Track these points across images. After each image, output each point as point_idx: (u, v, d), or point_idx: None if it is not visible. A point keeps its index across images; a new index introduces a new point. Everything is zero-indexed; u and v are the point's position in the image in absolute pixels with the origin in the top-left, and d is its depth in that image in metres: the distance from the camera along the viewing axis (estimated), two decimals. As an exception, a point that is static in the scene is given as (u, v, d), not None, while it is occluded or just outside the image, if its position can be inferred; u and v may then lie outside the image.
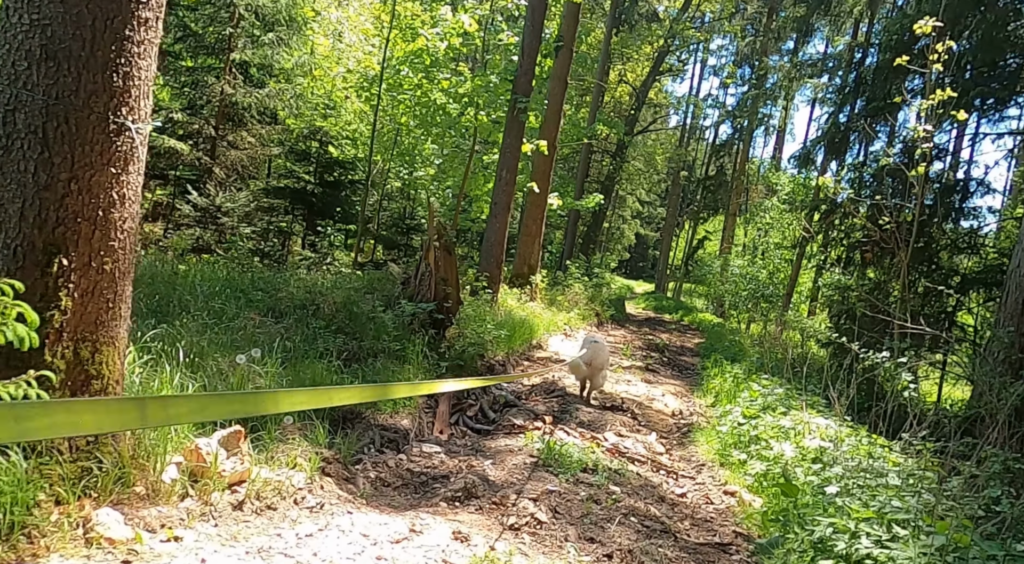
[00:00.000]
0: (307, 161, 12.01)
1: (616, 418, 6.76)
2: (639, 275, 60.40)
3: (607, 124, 23.35)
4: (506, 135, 11.17)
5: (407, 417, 5.06)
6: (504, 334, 8.92)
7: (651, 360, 11.80)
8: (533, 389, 7.84)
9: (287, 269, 9.64)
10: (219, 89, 11.06)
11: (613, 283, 32.61)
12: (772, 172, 23.34)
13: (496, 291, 11.02)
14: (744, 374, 8.83)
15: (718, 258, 27.47)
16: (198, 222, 10.02)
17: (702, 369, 12.05)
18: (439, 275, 7.39)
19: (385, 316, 6.28)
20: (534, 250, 13.62)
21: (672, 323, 24.68)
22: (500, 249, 11.07)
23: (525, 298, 12.70)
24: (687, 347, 16.63)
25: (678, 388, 9.72)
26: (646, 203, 57.49)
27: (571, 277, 17.52)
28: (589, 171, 28.35)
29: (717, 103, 40.30)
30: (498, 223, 11.02)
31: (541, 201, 13.64)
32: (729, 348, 12.06)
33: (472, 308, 9.11)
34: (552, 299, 14.80)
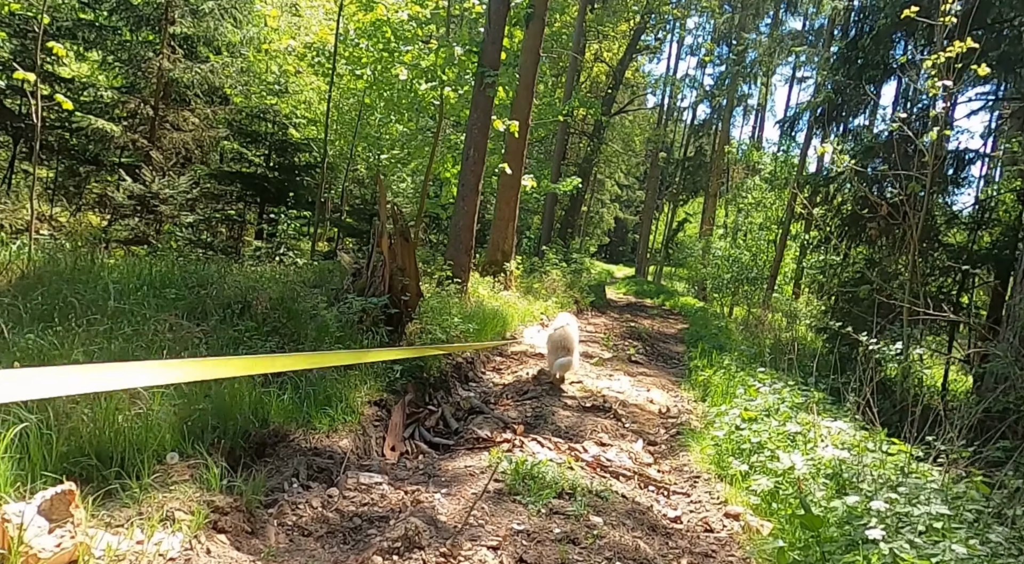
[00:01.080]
0: (259, 143, 11.04)
1: (598, 421, 5.99)
2: (619, 259, 59.96)
3: (584, 104, 22.51)
4: (473, 110, 10.29)
5: (347, 435, 4.23)
6: (473, 328, 8.11)
7: (634, 350, 11.07)
8: (505, 390, 7.04)
9: (235, 262, 8.74)
10: (157, 65, 10.03)
11: (592, 268, 31.93)
12: (753, 151, 22.68)
13: (465, 281, 10.19)
14: (736, 365, 8.12)
15: (699, 241, 26.87)
16: (134, 211, 9.05)
17: (688, 359, 11.36)
18: (395, 265, 6.54)
19: (328, 314, 5.42)
20: (508, 235, 12.79)
21: (654, 308, 24.04)
22: (469, 235, 10.22)
23: (499, 287, 11.89)
24: (670, 334, 15.96)
25: (664, 381, 9.00)
26: (625, 186, 56.94)
27: (548, 263, 16.73)
28: (566, 153, 27.52)
29: (695, 83, 39.60)
30: (466, 206, 10.17)
31: (514, 183, 12.79)
32: (716, 336, 11.37)
33: (437, 300, 8.27)
34: (528, 287, 14.00)
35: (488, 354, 8.49)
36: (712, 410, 6.99)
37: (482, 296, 10.40)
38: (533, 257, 19.48)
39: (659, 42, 32.64)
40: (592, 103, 22.87)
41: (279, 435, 3.87)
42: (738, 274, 22.02)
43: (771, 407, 5.21)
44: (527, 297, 12.95)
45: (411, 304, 6.68)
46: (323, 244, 13.72)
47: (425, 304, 7.86)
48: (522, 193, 18.50)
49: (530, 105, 12.77)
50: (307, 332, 5.17)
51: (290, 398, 4.13)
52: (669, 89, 37.63)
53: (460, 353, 7.58)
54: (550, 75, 27.24)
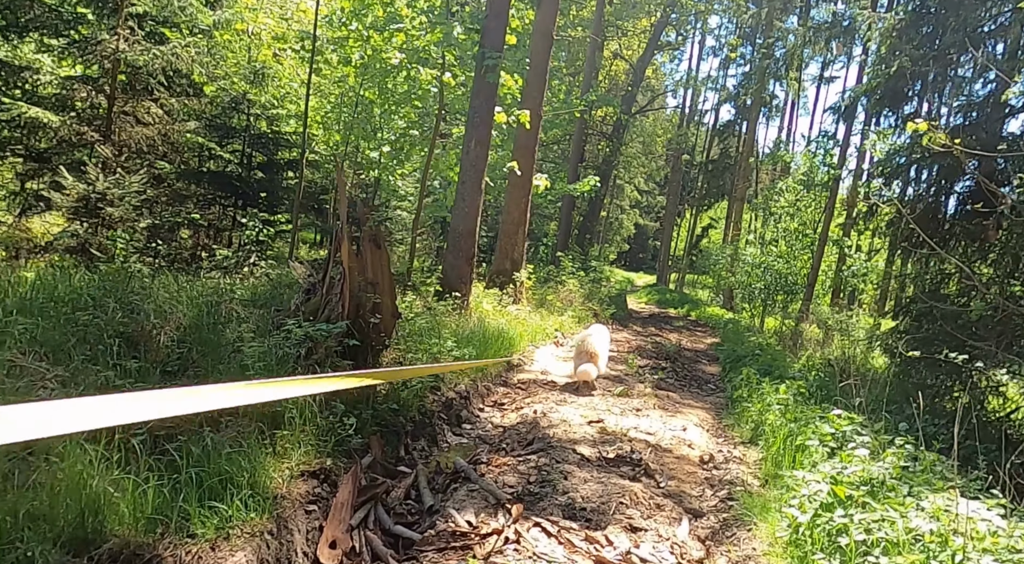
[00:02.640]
0: (234, 138, 9.71)
1: (625, 487, 4.49)
2: (639, 267, 58.30)
3: (603, 101, 21.07)
4: (474, 98, 8.88)
5: (249, 541, 2.78)
6: (470, 353, 6.65)
7: (663, 373, 9.55)
8: (506, 435, 5.56)
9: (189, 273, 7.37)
10: (112, 47, 8.75)
11: (613, 276, 30.38)
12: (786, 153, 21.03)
13: (466, 294, 8.75)
14: (793, 399, 6.56)
15: (727, 247, 25.17)
16: (76, 215, 7.74)
17: (726, 382, 9.81)
18: (362, 278, 5.11)
19: (255, 347, 3.98)
20: (517, 242, 11.34)
21: (678, 319, 22.42)
22: (470, 241, 8.79)
23: (507, 300, 10.43)
24: (701, 350, 14.36)
25: (701, 414, 7.47)
26: (645, 192, 55.37)
27: (564, 272, 15.24)
28: (584, 155, 26.04)
29: (717, 85, 37.98)
30: (467, 208, 8.74)
31: (525, 183, 11.35)
32: (758, 356, 9.78)
33: (426, 320, 6.83)
34: (542, 299, 12.52)
35: (489, 384, 7.02)
36: (769, 461, 5.46)
37: (485, 312, 8.95)
38: (549, 265, 18.01)
39: (681, 38, 31.09)
40: (611, 101, 21.41)
41: (125, 555, 2.43)
42: (772, 283, 20.35)
43: (874, 479, 3.68)
44: (539, 311, 11.47)
45: (385, 328, 5.24)
46: (307, 251, 12.36)
47: (410, 325, 6.42)
48: (535, 195, 17.08)
49: (542, 94, 11.33)
50: (224, 372, 3.74)
51: (156, 488, 2.69)
52: (691, 91, 36.03)
53: (452, 386, 6.12)
54: (567, 73, 25.85)
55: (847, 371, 9.09)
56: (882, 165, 7.68)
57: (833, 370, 9.20)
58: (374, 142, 11.00)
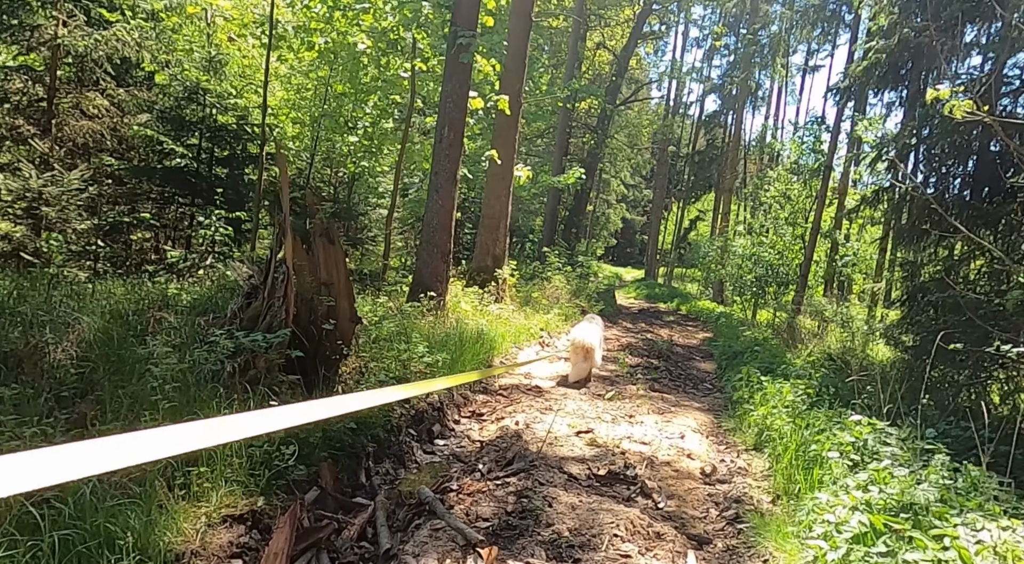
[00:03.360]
0: (190, 131, 8.98)
1: (619, 513, 3.88)
2: (627, 261, 57.88)
3: (587, 92, 20.45)
4: (446, 81, 8.22)
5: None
6: (444, 359, 6.01)
7: (656, 372, 8.96)
8: (482, 453, 4.93)
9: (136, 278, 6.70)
10: (51, 32, 8.02)
11: (600, 271, 29.81)
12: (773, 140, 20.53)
13: (442, 293, 8.10)
14: (802, 400, 5.98)
15: (716, 239, 24.67)
16: (5, 215, 7.02)
17: (723, 381, 9.24)
18: (317, 279, 4.46)
19: (170, 364, 3.32)
20: (499, 237, 10.70)
21: (669, 314, 21.91)
22: (446, 236, 8.14)
23: (489, 299, 9.79)
24: (694, 346, 13.81)
25: (699, 417, 6.87)
26: (631, 186, 54.96)
27: (550, 268, 14.61)
28: (569, 148, 25.42)
29: (701, 76, 37.51)
30: (441, 200, 8.09)
31: (505, 174, 10.71)
32: (758, 353, 9.21)
33: (394, 323, 6.18)
34: (526, 297, 11.90)
35: (467, 392, 6.38)
36: (780, 474, 4.86)
37: (464, 312, 8.31)
38: (535, 262, 17.38)
39: (665, 29, 30.53)
40: (595, 92, 20.80)
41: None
42: (763, 275, 19.86)
43: (916, 504, 3.08)
44: (524, 310, 10.84)
45: (342, 334, 4.59)
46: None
47: (376, 330, 5.77)
48: (519, 189, 16.44)
49: (522, 79, 10.69)
50: (132, 398, 3.08)
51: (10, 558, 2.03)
52: (675, 82, 35.50)
53: (423, 396, 5.48)
54: (549, 64, 25.21)
55: (850, 365, 8.55)
56: (885, 146, 7.11)
57: (836, 365, 8.66)
58: (344, 136, 10.32)
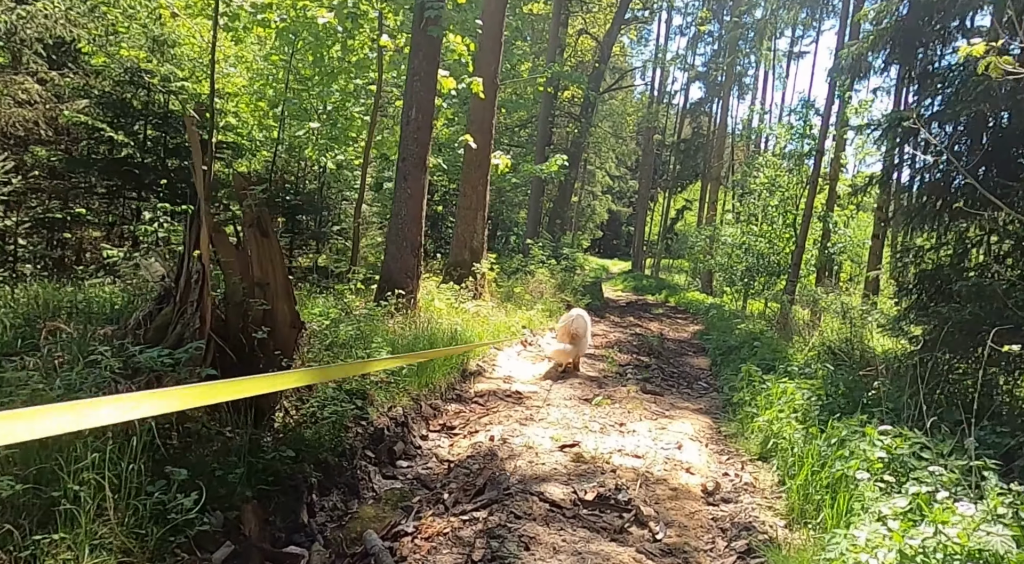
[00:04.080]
0: (133, 117, 8.19)
1: (610, 553, 3.22)
2: (614, 253, 57.38)
3: (570, 78, 19.76)
4: (413, 57, 7.50)
5: None
6: (410, 366, 5.32)
7: (648, 371, 8.31)
8: (451, 477, 4.25)
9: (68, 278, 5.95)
10: (-31, 10, 7.20)
11: (587, 264, 29.20)
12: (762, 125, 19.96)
13: (413, 290, 7.39)
14: (812, 404, 5.36)
15: (704, 228, 24.11)
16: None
17: (719, 378, 8.62)
18: (248, 279, 3.76)
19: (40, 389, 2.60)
20: (476, 229, 10.00)
21: (657, 306, 21.32)
22: (415, 227, 7.43)
23: (466, 295, 9.10)
24: (685, 340, 13.21)
25: (697, 423, 6.23)
26: (617, 177, 54.44)
27: (534, 261, 13.93)
28: (552, 138, 24.71)
29: (685, 65, 36.93)
30: (410, 188, 7.38)
31: (482, 162, 10.00)
32: (757, 348, 8.59)
33: (354, 326, 5.47)
34: (508, 293, 11.22)
35: (437, 402, 5.69)
36: (795, 493, 4.23)
37: (437, 311, 7.61)
38: (517, 254, 16.68)
39: (649, 14, 29.85)
40: (578, 78, 20.11)
41: None
42: (754, 264, 19.33)
43: (986, 550, 2.44)
44: (505, 306, 10.17)
45: (281, 344, 3.88)
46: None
47: (333, 336, 5.07)
48: (500, 179, 15.74)
49: (498, 59, 9.97)
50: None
51: None
52: (659, 71, 34.87)
53: (384, 409, 4.78)
54: (531, 53, 24.47)
55: (853, 359, 7.96)
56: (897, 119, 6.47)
57: (839, 359, 8.07)
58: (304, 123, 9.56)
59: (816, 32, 39.38)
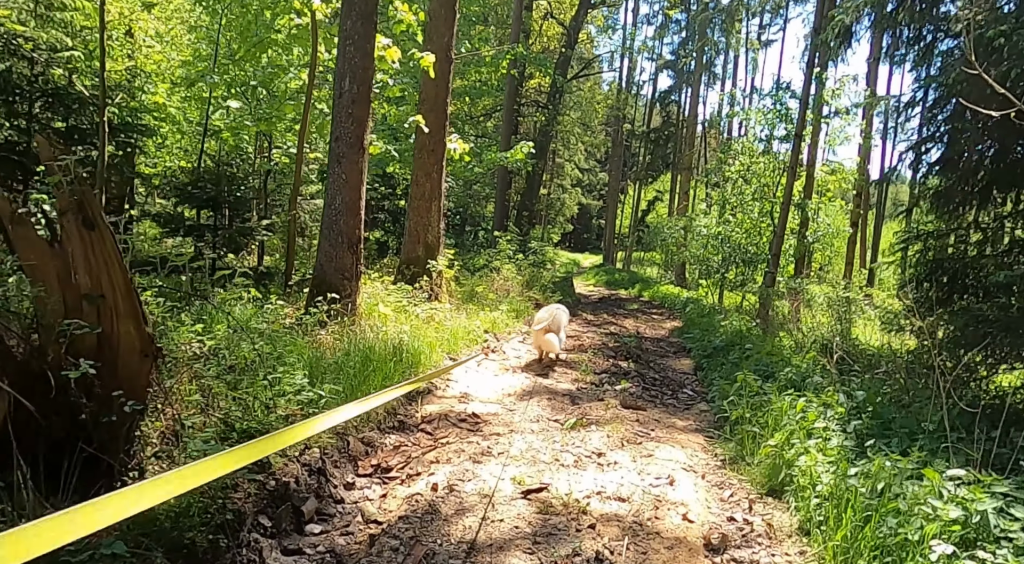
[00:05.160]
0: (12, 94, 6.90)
1: None
2: (585, 247, 56.65)
3: (536, 62, 18.70)
4: (344, 18, 6.34)
5: None
6: (333, 392, 4.21)
7: (627, 379, 7.29)
8: (374, 550, 3.16)
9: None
10: None
11: (557, 259, 28.26)
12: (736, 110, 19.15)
13: (352, 294, 6.27)
14: (832, 423, 4.38)
15: (678, 219, 23.27)
16: None
17: (706, 383, 7.65)
18: (73, 290, 2.63)
19: None
20: (431, 221, 8.88)
21: (631, 301, 20.43)
22: (352, 219, 6.30)
23: (420, 297, 7.99)
24: (663, 338, 12.28)
25: (689, 444, 5.23)
26: (586, 170, 53.70)
27: (500, 256, 12.86)
28: (519, 127, 23.65)
29: (653, 54, 36.18)
30: (345, 173, 6.24)
31: (436, 146, 8.88)
32: (750, 352, 7.62)
33: (271, 344, 4.34)
34: (470, 292, 10.13)
35: (372, 435, 4.58)
36: (832, 557, 3.24)
37: (382, 317, 6.49)
38: (488, 250, 15.57)
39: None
40: (543, 61, 19.06)
41: None
42: (730, 255, 18.52)
43: None
44: (466, 307, 9.09)
45: (127, 380, 2.75)
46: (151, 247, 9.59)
47: (231, 358, 3.94)
48: (463, 170, 14.63)
49: (452, 31, 8.84)
50: None
51: None
52: (627, 60, 33.97)
53: (294, 453, 3.67)
54: (495, 39, 23.36)
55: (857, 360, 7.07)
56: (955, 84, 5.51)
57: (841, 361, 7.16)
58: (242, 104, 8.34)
59: (784, 20, 38.94)
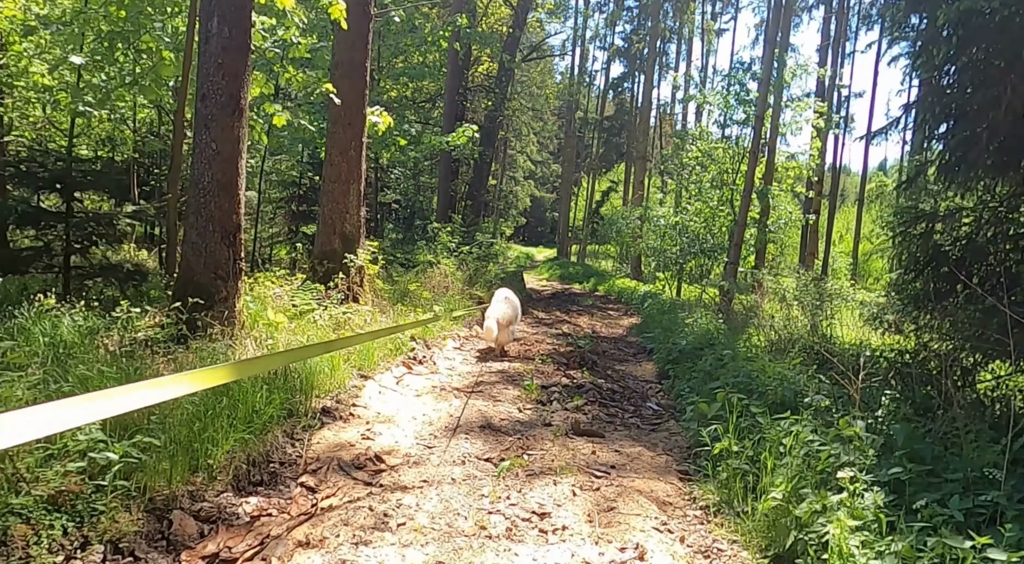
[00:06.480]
0: None
1: None
2: (539, 241, 55.54)
3: (482, 40, 17.37)
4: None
5: None
6: (160, 445, 2.83)
7: (581, 395, 6.05)
8: None
9: None
10: None
11: (510, 252, 27.05)
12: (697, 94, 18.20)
13: (229, 297, 4.86)
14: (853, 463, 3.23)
15: (634, 209, 22.27)
16: None
17: (673, 394, 6.50)
18: None
19: None
20: (349, 208, 7.48)
21: (585, 296, 19.35)
22: (228, 201, 4.88)
23: (335, 299, 6.60)
24: (620, 337, 11.17)
25: (660, 491, 4.02)
26: (539, 162, 52.58)
27: (439, 248, 11.50)
28: (465, 114, 22.22)
29: (605, 43, 35.27)
30: (216, 142, 4.81)
31: (353, 119, 7.47)
32: (728, 362, 6.43)
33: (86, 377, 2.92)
34: (401, 292, 8.77)
35: (224, 494, 3.23)
36: None
37: (273, 326, 5.09)
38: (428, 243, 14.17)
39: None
40: (488, 39, 17.74)
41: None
42: (687, 246, 17.60)
43: None
44: (394, 309, 7.74)
45: None
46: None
47: None
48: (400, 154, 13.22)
49: (369, -20, 7.43)
50: None
51: None
52: (579, 50, 32.85)
53: (76, 541, 2.29)
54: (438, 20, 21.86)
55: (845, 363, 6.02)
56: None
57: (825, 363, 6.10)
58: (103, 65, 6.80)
59: (735, 8, 38.49)
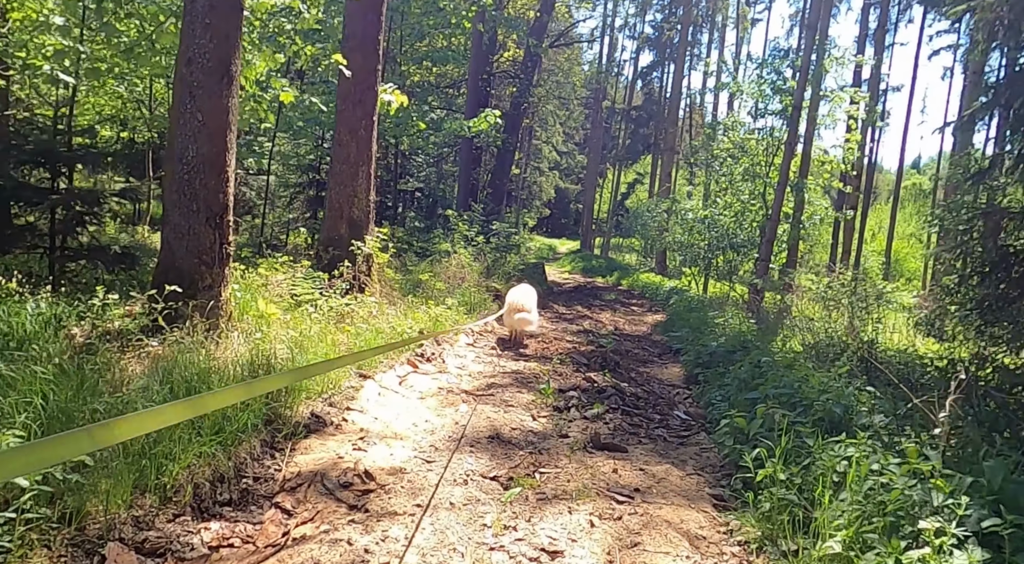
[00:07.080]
0: None
1: None
2: (562, 233, 54.78)
3: (506, 24, 16.76)
4: None
5: None
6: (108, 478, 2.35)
7: (602, 402, 5.50)
8: None
9: None
10: None
11: (533, 243, 26.48)
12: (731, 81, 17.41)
13: (215, 285, 4.39)
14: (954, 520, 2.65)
15: (661, 202, 21.54)
16: None
17: (702, 402, 5.92)
18: None
19: None
20: (358, 191, 6.98)
21: (608, 290, 18.73)
22: (215, 178, 4.40)
23: (339, 288, 6.12)
24: (644, 335, 10.57)
25: (692, 521, 3.47)
26: (564, 153, 51.77)
27: (456, 237, 10.99)
28: (489, 101, 21.65)
29: (634, 32, 34.37)
30: (202, 113, 4.33)
31: (363, 96, 6.96)
32: (768, 372, 5.77)
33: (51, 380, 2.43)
34: (413, 282, 8.28)
35: (182, 521, 2.76)
36: None
37: (265, 319, 4.61)
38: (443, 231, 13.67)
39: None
40: (516, 23, 17.12)
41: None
42: (716, 241, 16.89)
43: None
44: (405, 300, 7.25)
45: None
46: None
47: None
48: (419, 139, 12.72)
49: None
50: None
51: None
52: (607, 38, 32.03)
53: None
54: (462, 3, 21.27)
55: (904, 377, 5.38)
56: None
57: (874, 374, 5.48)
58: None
59: None
